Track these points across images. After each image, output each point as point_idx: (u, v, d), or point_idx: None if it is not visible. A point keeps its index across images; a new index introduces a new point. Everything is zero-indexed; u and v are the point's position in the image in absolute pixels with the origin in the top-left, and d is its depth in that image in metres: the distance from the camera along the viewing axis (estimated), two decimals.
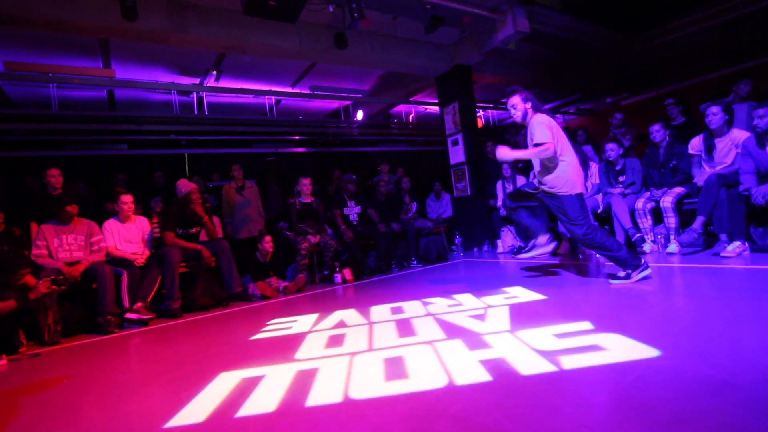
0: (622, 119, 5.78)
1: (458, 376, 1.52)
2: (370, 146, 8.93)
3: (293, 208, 4.73)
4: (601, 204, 4.31)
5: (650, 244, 3.84)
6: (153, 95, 6.77)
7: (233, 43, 4.72)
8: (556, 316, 2.13)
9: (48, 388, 2.06)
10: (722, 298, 2.20)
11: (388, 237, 4.99)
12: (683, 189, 3.80)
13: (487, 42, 5.56)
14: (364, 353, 1.93)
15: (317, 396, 1.50)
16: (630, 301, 2.41)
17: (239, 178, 5.27)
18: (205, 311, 3.71)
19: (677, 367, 1.37)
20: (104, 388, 1.95)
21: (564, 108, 10.01)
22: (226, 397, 1.61)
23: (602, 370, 1.41)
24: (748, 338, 1.59)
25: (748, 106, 4.30)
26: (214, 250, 3.95)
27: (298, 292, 4.16)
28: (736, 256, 3.14)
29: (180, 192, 3.94)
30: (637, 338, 1.66)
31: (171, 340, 2.85)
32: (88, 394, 1.90)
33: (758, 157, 3.26)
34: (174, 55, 5.69)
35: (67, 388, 2.03)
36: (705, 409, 1.09)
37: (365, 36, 5.40)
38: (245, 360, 2.07)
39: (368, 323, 2.51)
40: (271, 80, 6.80)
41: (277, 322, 2.89)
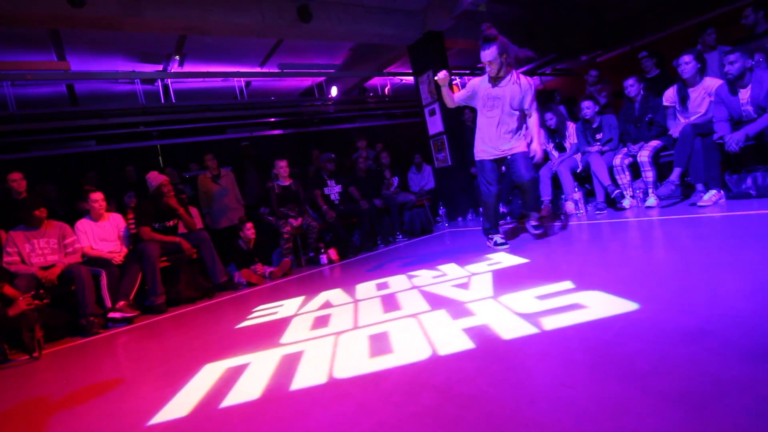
0: (598, 76, 5.73)
1: (442, 346, 1.51)
2: (348, 123, 8.76)
3: (272, 192, 4.64)
4: (580, 163, 4.32)
5: (629, 199, 3.88)
6: (115, 86, 6.49)
7: (192, 24, 4.50)
8: (538, 278, 2.14)
9: (33, 394, 2.01)
10: (700, 247, 2.23)
11: (371, 214, 4.95)
12: (659, 142, 3.82)
13: (458, 5, 5.40)
14: (349, 332, 1.92)
15: (302, 379, 1.49)
16: (610, 257, 2.43)
17: (213, 167, 5.13)
18: (191, 304, 3.66)
19: (655, 319, 1.38)
20: (88, 389, 1.91)
21: (540, 69, 9.91)
22: (210, 388, 1.59)
23: (582, 328, 1.42)
24: (724, 285, 1.61)
25: (719, 53, 4.29)
26: (194, 241, 3.87)
27: (284, 276, 4.13)
28: (712, 204, 3.18)
29: (151, 185, 3.82)
30: (616, 293, 1.67)
31: (156, 336, 2.81)
32: (72, 396, 1.86)
33: (731, 104, 3.27)
34: (132, 42, 5.42)
35: (50, 391, 1.99)
36: (681, 358, 1.10)
37: (331, 6, 5.20)
38: (231, 349, 2.04)
39: (354, 301, 2.50)
40: (238, 61, 6.56)
41: (263, 308, 2.86)
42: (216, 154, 5.40)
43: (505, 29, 7.27)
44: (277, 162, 4.69)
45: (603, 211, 3.98)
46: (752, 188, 3.17)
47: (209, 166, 5.15)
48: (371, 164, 5.99)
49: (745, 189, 3.21)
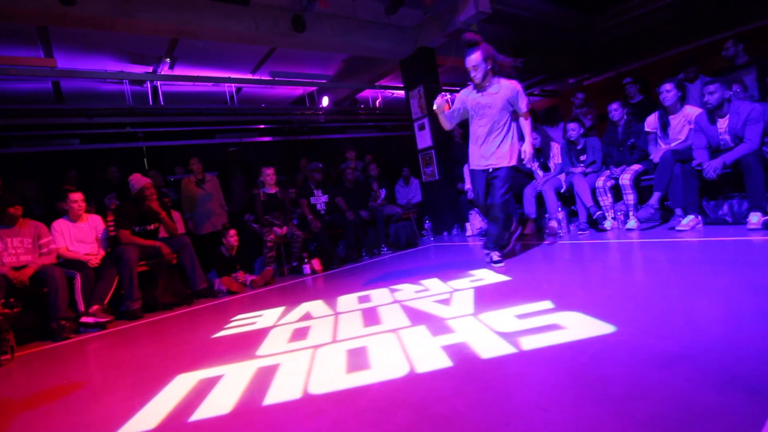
0: (584, 99, 5.87)
1: (420, 363, 1.50)
2: (338, 133, 8.78)
3: (258, 200, 4.60)
4: (564, 184, 4.39)
5: (611, 221, 3.94)
6: (103, 86, 6.38)
7: (185, 28, 4.48)
8: (519, 297, 2.15)
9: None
10: (677, 271, 2.27)
11: (356, 225, 4.94)
12: (641, 166, 3.90)
13: (450, 23, 5.49)
14: (327, 345, 1.89)
15: (276, 393, 1.45)
16: (590, 278, 2.46)
17: (198, 171, 5.07)
18: (168, 310, 3.58)
19: (631, 342, 1.39)
20: (54, 397, 1.84)
21: (529, 89, 10.11)
22: (181, 400, 1.54)
23: (560, 349, 1.42)
24: (699, 310, 1.64)
25: (700, 83, 4.44)
26: (174, 246, 3.80)
27: (265, 285, 4.07)
28: (690, 229, 3.26)
29: (133, 188, 3.75)
30: (594, 315, 1.68)
31: (129, 343, 2.73)
32: (36, 405, 1.78)
33: (709, 132, 3.37)
34: (123, 43, 5.36)
35: (12, 399, 1.90)
36: (655, 382, 1.11)
37: (325, 18, 5.24)
38: (205, 360, 1.99)
39: (334, 314, 2.47)
40: (229, 67, 6.53)
41: (241, 317, 2.81)
42: (203, 158, 5.35)
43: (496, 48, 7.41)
44: (264, 169, 4.65)
45: (585, 231, 4.03)
46: (728, 215, 3.26)
47: (194, 169, 5.09)
48: (359, 175, 5.99)
49: (721, 215, 3.30)
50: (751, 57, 4.36)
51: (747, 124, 3.14)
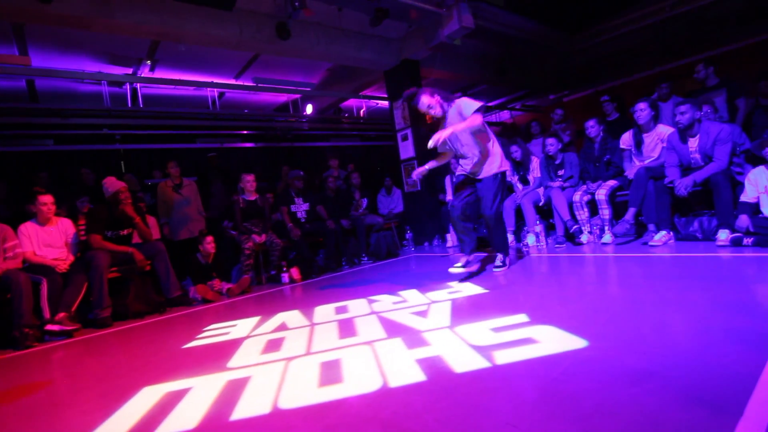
0: (563, 115, 6.00)
1: (393, 377, 1.48)
2: (322, 141, 8.76)
3: (237, 206, 4.52)
4: (542, 197, 4.46)
5: (587, 235, 4.02)
6: (80, 86, 6.23)
7: (166, 31, 4.41)
8: (495, 310, 2.15)
9: None
10: (649, 286, 2.31)
11: (337, 234, 4.90)
12: (616, 182, 4.00)
13: (434, 37, 5.56)
14: (301, 358, 1.85)
15: (244, 408, 1.41)
16: (565, 292, 2.49)
17: (176, 175, 4.97)
18: (140, 318, 3.46)
19: (602, 358, 1.40)
20: (12, 408, 1.75)
21: (510, 104, 10.31)
22: (145, 414, 1.48)
23: (533, 364, 1.43)
24: (670, 325, 1.67)
25: (672, 103, 4.60)
26: (148, 252, 3.69)
27: (242, 294, 3.98)
28: (662, 244, 3.34)
29: (107, 191, 3.64)
30: (568, 329, 1.70)
31: (96, 353, 2.63)
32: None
33: (681, 151, 3.48)
34: (102, 43, 5.25)
35: None
36: (624, 399, 1.11)
37: (310, 26, 5.24)
38: (173, 371, 1.92)
39: (310, 325, 2.43)
40: (212, 71, 6.46)
41: (215, 327, 2.74)
42: (182, 163, 5.25)
43: (479, 63, 7.56)
44: (244, 176, 4.59)
45: (562, 244, 4.10)
46: (698, 231, 3.36)
47: (171, 173, 4.98)
48: (341, 184, 5.97)
49: (692, 231, 3.39)
50: (722, 79, 4.55)
51: (716, 144, 3.26)
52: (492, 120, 10.85)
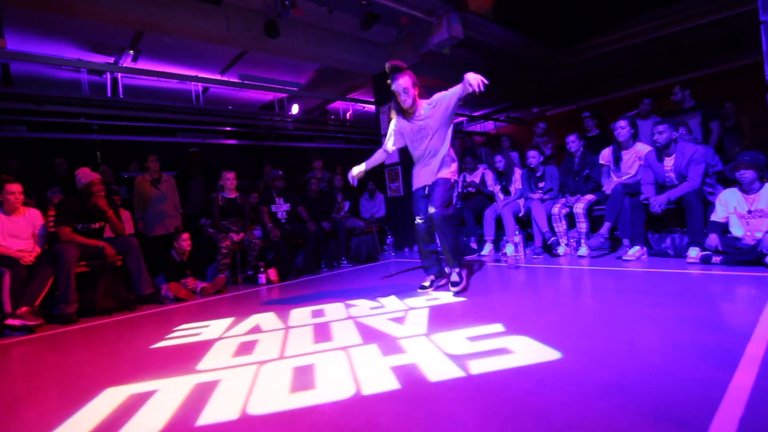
0: (545, 129, 6.12)
1: (367, 384, 1.46)
2: (306, 142, 8.70)
3: (216, 203, 4.43)
4: (522, 208, 4.52)
5: (564, 247, 4.09)
6: (58, 72, 6.03)
7: (152, 21, 4.31)
8: (472, 319, 2.16)
9: None
10: (621, 300, 2.36)
11: (317, 236, 4.86)
12: (594, 196, 4.09)
13: (423, 44, 5.61)
14: (273, 362, 1.81)
15: (211, 413, 1.36)
16: (541, 303, 2.51)
17: (155, 169, 4.84)
18: (107, 316, 3.34)
19: (575, 370, 1.41)
20: None
21: (495, 115, 10.46)
22: (106, 417, 1.42)
23: (507, 375, 1.43)
24: (640, 339, 1.70)
25: (651, 122, 4.73)
26: (120, 247, 3.58)
27: (217, 293, 3.90)
28: (635, 259, 3.42)
29: (80, 182, 3.51)
30: (542, 340, 1.71)
31: (59, 350, 2.52)
32: None
33: (657, 169, 3.58)
34: (83, 30, 5.10)
35: None
36: (594, 413, 1.12)
37: (299, 27, 5.21)
38: (139, 372, 1.86)
39: (285, 328, 2.39)
40: (197, 65, 6.35)
41: (186, 327, 2.66)
42: (161, 157, 5.11)
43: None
44: (225, 173, 4.50)
45: (539, 255, 4.16)
46: (670, 248, 3.45)
47: (150, 168, 4.85)
48: (324, 186, 5.92)
49: (664, 248, 3.49)
50: (697, 102, 4.71)
51: (690, 164, 3.36)
52: (477, 130, 10.98)
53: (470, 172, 5.41)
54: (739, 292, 2.30)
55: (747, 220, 2.93)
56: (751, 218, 2.91)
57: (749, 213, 2.92)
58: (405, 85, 2.86)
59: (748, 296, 2.19)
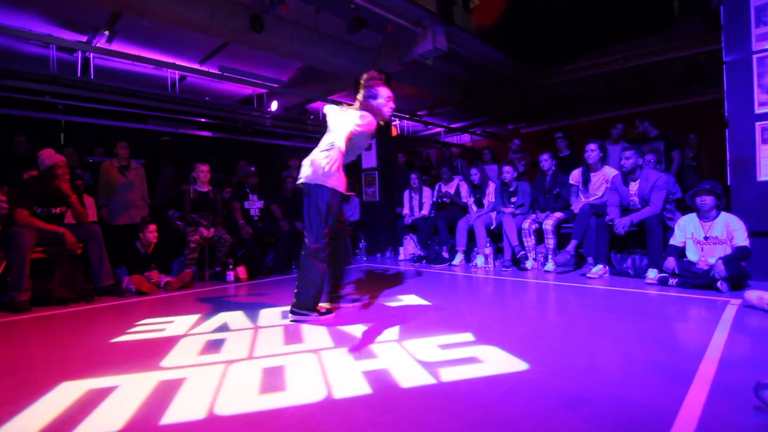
0: (520, 145, 6.30)
1: (338, 388, 1.46)
2: (283, 140, 8.59)
3: (186, 196, 4.30)
4: (494, 221, 4.63)
5: (532, 261, 4.21)
6: (25, 47, 5.70)
7: (131, 3, 4.16)
8: (443, 327, 2.19)
9: None
10: (584, 316, 2.46)
11: (290, 235, 4.79)
12: (562, 214, 4.24)
13: (407, 53, 5.67)
14: (242, 362, 1.78)
15: (176, 412, 1.32)
16: (509, 314, 2.58)
17: (124, 156, 4.65)
18: (63, 306, 3.16)
19: (541, 381, 1.46)
20: None
21: (472, 128, 10.68)
22: (62, 412, 1.35)
23: (477, 383, 1.46)
24: (601, 354, 1.78)
25: (620, 148, 4.96)
26: (81, 234, 3.41)
27: (182, 288, 3.77)
28: (598, 277, 3.57)
29: (42, 163, 3.33)
30: (511, 351, 1.76)
31: (10, 339, 2.36)
32: None
33: (622, 193, 3.76)
34: (56, 4, 4.85)
35: None
36: (558, 423, 1.17)
37: (285, 23, 5.16)
38: (98, 367, 1.78)
39: (254, 327, 2.34)
40: (176, 53, 6.15)
41: (149, 322, 2.56)
42: (130, 143, 4.92)
43: (447, 85, 7.77)
44: (198, 165, 4.38)
45: (508, 268, 4.26)
46: (630, 268, 3.63)
47: (119, 154, 4.66)
48: None
49: (625, 268, 3.66)
50: (661, 132, 4.98)
51: (653, 190, 3.55)
52: (453, 141, 11.16)
53: (446, 183, 5.50)
54: (692, 313, 2.45)
55: (702, 246, 3.12)
56: (706, 244, 3.10)
57: (705, 239, 3.11)
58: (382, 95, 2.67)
59: (700, 318, 2.33)
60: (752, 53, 3.37)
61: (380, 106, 2.66)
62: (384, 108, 2.67)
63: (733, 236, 2.98)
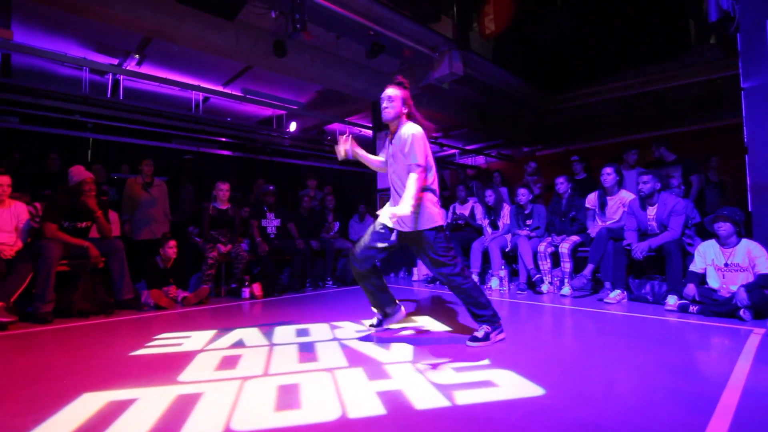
0: (535, 168, 6.30)
1: (353, 408, 1.46)
2: (301, 159, 8.76)
3: (206, 213, 4.41)
4: (509, 243, 4.61)
5: (548, 285, 4.16)
6: (60, 69, 6.03)
7: (162, 29, 4.39)
8: (457, 349, 2.18)
9: None
10: (601, 342, 2.42)
11: (305, 254, 4.85)
12: (579, 238, 4.20)
13: (424, 77, 5.81)
14: (257, 378, 1.80)
15: (194, 426, 1.35)
16: (525, 338, 2.55)
17: (148, 174, 4.81)
18: (84, 318, 3.25)
19: (557, 407, 1.44)
20: None
21: (487, 150, 10.73)
22: (83, 423, 1.39)
23: (491, 407, 1.45)
24: (618, 381, 1.75)
25: (636, 172, 4.93)
26: (104, 249, 3.52)
27: (199, 304, 3.83)
28: (616, 302, 3.51)
29: (72, 180, 3.47)
30: (526, 376, 1.74)
31: (33, 350, 2.44)
32: None
33: (640, 217, 3.73)
34: (91, 29, 5.14)
35: None
36: None
37: (306, 49, 5.36)
38: (118, 379, 1.82)
39: (269, 345, 2.37)
40: (200, 75, 6.42)
41: (166, 336, 2.61)
42: (154, 161, 5.10)
43: (463, 108, 7.87)
44: (219, 184, 4.50)
45: (524, 291, 4.22)
46: (649, 294, 3.56)
47: (144, 171, 4.81)
48: (316, 205, 5.95)
49: (644, 294, 3.59)
50: (678, 156, 4.94)
51: (671, 215, 3.51)
52: (467, 163, 11.21)
53: (461, 204, 5.51)
54: (714, 342, 2.38)
55: (723, 272, 3.06)
56: (727, 271, 3.04)
57: (726, 266, 3.04)
58: (389, 96, 2.43)
59: (722, 347, 2.27)
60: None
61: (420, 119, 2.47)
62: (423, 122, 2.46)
63: (755, 263, 2.91)
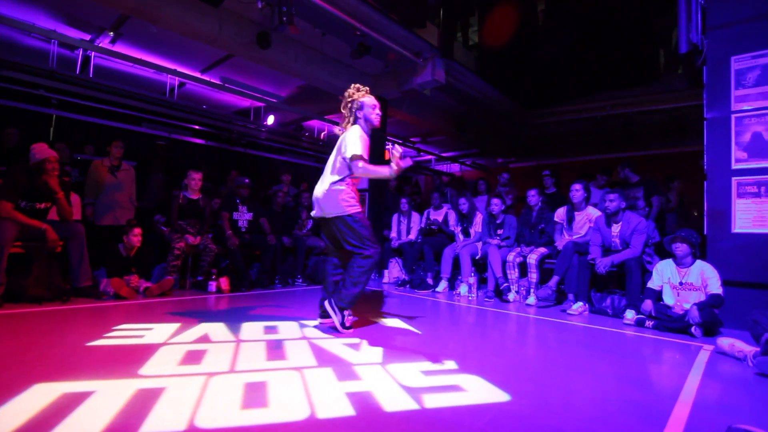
0: (508, 179, 6.46)
1: (321, 408, 1.45)
2: (277, 154, 8.63)
3: (176, 202, 4.27)
4: (480, 251, 4.70)
5: (514, 294, 4.27)
6: (26, 39, 5.68)
7: (142, 9, 4.22)
8: (426, 353, 2.20)
9: None
10: (563, 351, 2.50)
11: (276, 250, 4.77)
12: (546, 250, 4.33)
13: (406, 82, 5.85)
14: (223, 375, 1.76)
15: (156, 422, 1.30)
16: (491, 345, 2.61)
17: (116, 156, 4.61)
18: (37, 304, 3.07)
19: (522, 413, 1.49)
20: None
21: (462, 158, 10.91)
22: (34, 416, 1.31)
23: (459, 412, 1.48)
24: (579, 390, 1.82)
25: (603, 191, 5.14)
26: (64, 233, 3.34)
27: (162, 296, 3.70)
28: (578, 314, 3.64)
29: (34, 157, 3.28)
30: (493, 381, 1.78)
31: None
32: None
33: (604, 233, 3.88)
34: (64, 1, 4.89)
35: None
36: None
37: (291, 43, 5.29)
38: (74, 370, 1.73)
39: (236, 341, 2.32)
40: (178, 59, 6.21)
41: (126, 327, 2.51)
42: (123, 144, 4.88)
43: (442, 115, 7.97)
44: (191, 172, 4.36)
45: (491, 299, 4.31)
46: (609, 307, 3.71)
47: (112, 153, 4.59)
48: (289, 201, 5.87)
49: (604, 307, 3.74)
50: (641, 178, 5.19)
51: (634, 233, 3.68)
52: (443, 170, 11.36)
53: (435, 210, 5.58)
54: (666, 356, 2.51)
55: (678, 291, 3.23)
56: (681, 290, 3.21)
57: (680, 284, 3.22)
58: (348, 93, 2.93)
59: (674, 361, 2.40)
60: (731, 113, 3.58)
61: (368, 115, 2.80)
62: (371, 116, 2.81)
63: (707, 283, 3.09)
